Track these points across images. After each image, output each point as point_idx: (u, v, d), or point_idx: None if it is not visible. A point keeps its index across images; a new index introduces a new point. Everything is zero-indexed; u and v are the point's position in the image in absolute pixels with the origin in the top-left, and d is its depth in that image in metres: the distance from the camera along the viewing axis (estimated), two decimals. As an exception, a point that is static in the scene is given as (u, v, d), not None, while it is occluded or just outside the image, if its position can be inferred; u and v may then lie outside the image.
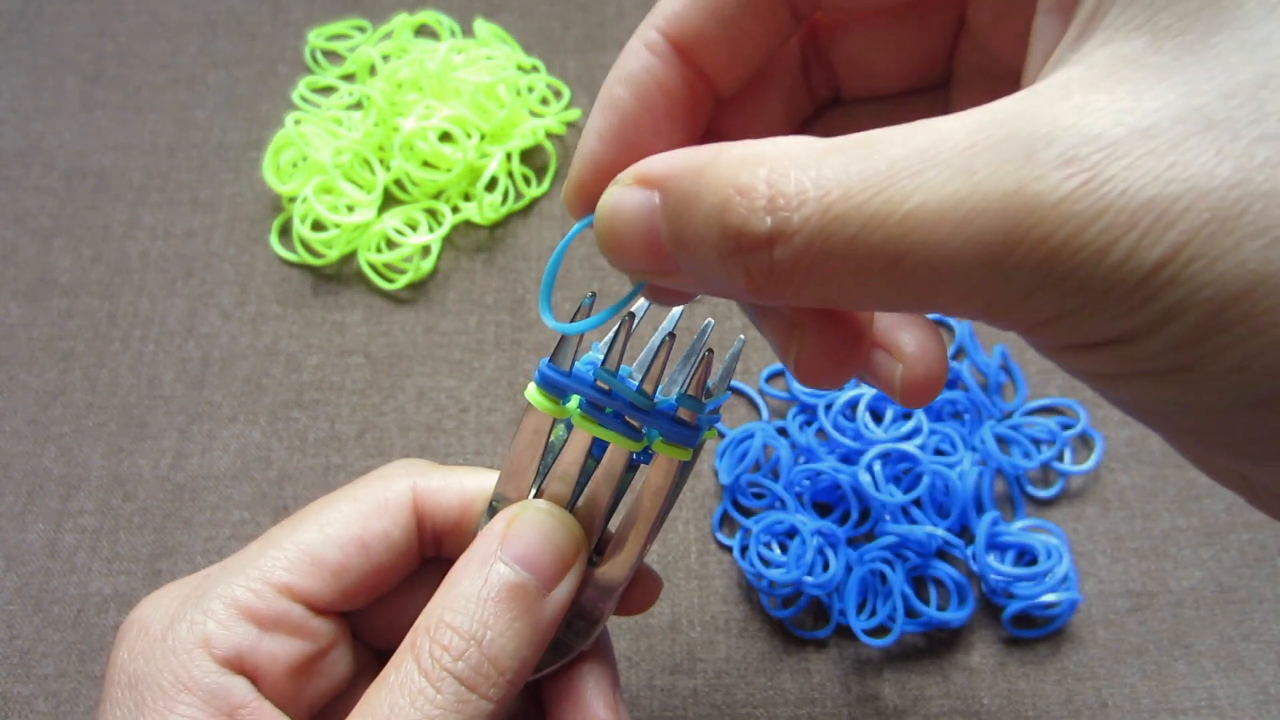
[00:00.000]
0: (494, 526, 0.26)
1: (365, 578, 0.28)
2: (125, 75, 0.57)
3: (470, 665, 0.24)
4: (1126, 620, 0.40)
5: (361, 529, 0.27)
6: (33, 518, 0.43)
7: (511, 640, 0.24)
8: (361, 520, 0.28)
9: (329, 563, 0.27)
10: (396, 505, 0.28)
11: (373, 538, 0.27)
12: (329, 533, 0.27)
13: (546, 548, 0.25)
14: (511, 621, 0.24)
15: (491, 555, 0.25)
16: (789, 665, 0.40)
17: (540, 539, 0.25)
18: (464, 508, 0.29)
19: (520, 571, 0.25)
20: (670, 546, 0.42)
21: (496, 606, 0.24)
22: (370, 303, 0.49)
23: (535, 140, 0.52)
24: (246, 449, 0.45)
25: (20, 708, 0.39)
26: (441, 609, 0.25)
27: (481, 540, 0.26)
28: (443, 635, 0.24)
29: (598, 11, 0.59)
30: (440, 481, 0.29)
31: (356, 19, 0.58)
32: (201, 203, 0.52)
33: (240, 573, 0.26)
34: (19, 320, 0.48)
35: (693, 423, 0.25)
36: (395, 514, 0.28)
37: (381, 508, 0.28)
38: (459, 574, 0.25)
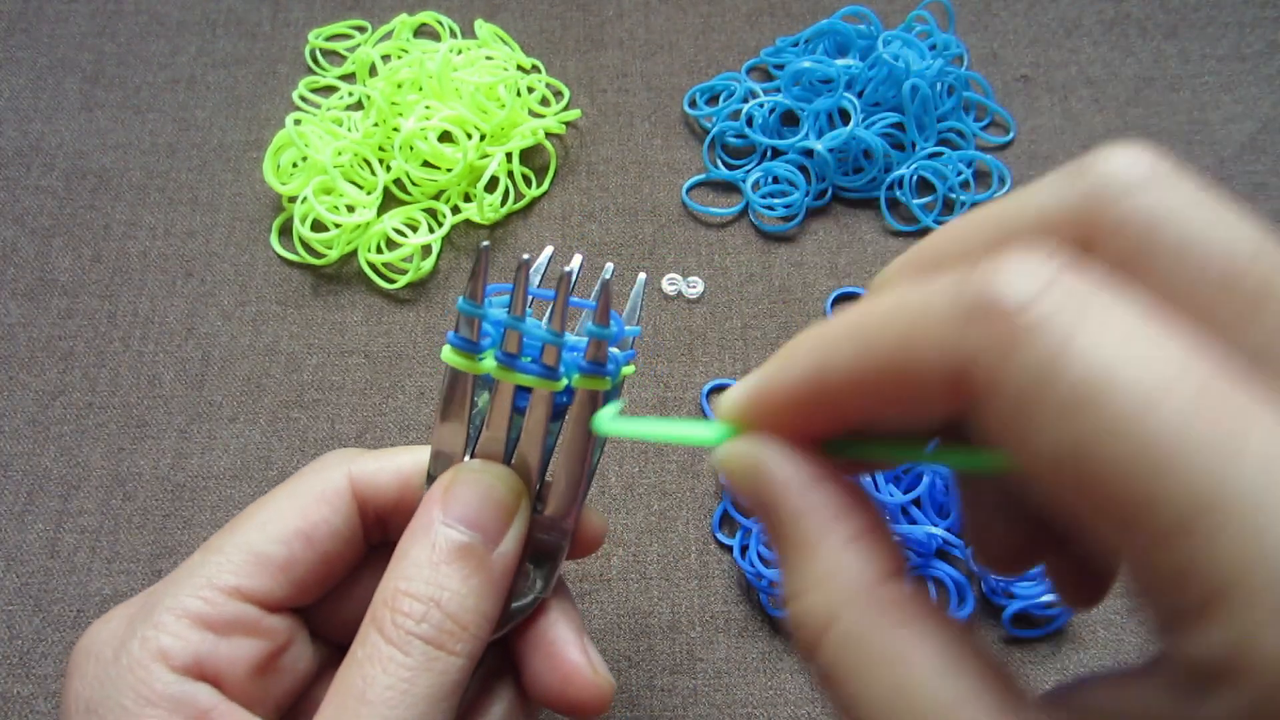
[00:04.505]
0: (433, 492, 0.26)
1: (313, 569, 0.28)
2: (125, 75, 0.57)
3: (433, 625, 0.24)
4: (1126, 620, 0.40)
5: (302, 521, 0.27)
6: (33, 518, 0.43)
7: (469, 596, 0.25)
8: (301, 513, 0.28)
9: (275, 559, 0.27)
10: (334, 493, 0.28)
11: (314, 528, 0.27)
12: (270, 530, 0.27)
13: (486, 504, 0.26)
14: (466, 579, 0.25)
15: (434, 520, 0.26)
16: (789, 665, 0.40)
17: (479, 496, 0.26)
18: (402, 487, 0.29)
19: (465, 531, 0.26)
20: (670, 546, 0.42)
21: (448, 568, 0.25)
22: (370, 303, 0.49)
23: (535, 140, 0.52)
24: (246, 449, 0.45)
25: (20, 708, 0.39)
26: (395, 579, 0.25)
27: (423, 508, 0.26)
28: (401, 603, 0.25)
29: (598, 11, 0.59)
30: (375, 464, 0.29)
31: (356, 19, 0.58)
32: (201, 203, 0.52)
33: (185, 583, 0.26)
34: (19, 320, 0.48)
35: (603, 354, 0.26)
36: (334, 502, 0.28)
37: (320, 498, 0.28)
38: (406, 544, 0.26)
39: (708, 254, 0.50)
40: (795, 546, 0.19)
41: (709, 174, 0.52)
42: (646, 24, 0.58)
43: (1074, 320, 0.15)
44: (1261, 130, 0.54)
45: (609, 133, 0.54)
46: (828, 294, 0.49)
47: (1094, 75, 0.56)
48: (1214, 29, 0.58)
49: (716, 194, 0.52)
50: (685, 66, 0.57)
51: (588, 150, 0.54)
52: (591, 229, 0.51)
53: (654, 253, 0.50)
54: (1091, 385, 0.15)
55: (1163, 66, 0.57)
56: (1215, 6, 0.59)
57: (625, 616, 0.41)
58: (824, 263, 0.50)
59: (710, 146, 0.53)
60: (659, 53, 0.57)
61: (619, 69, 0.57)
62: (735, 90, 0.54)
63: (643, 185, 0.52)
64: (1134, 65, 0.57)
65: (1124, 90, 0.56)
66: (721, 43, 0.57)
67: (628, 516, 0.43)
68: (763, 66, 0.56)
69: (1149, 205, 0.17)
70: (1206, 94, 0.56)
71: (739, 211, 0.51)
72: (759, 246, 0.50)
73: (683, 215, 0.51)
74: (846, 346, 0.18)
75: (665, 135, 0.54)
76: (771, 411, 0.19)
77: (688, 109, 0.55)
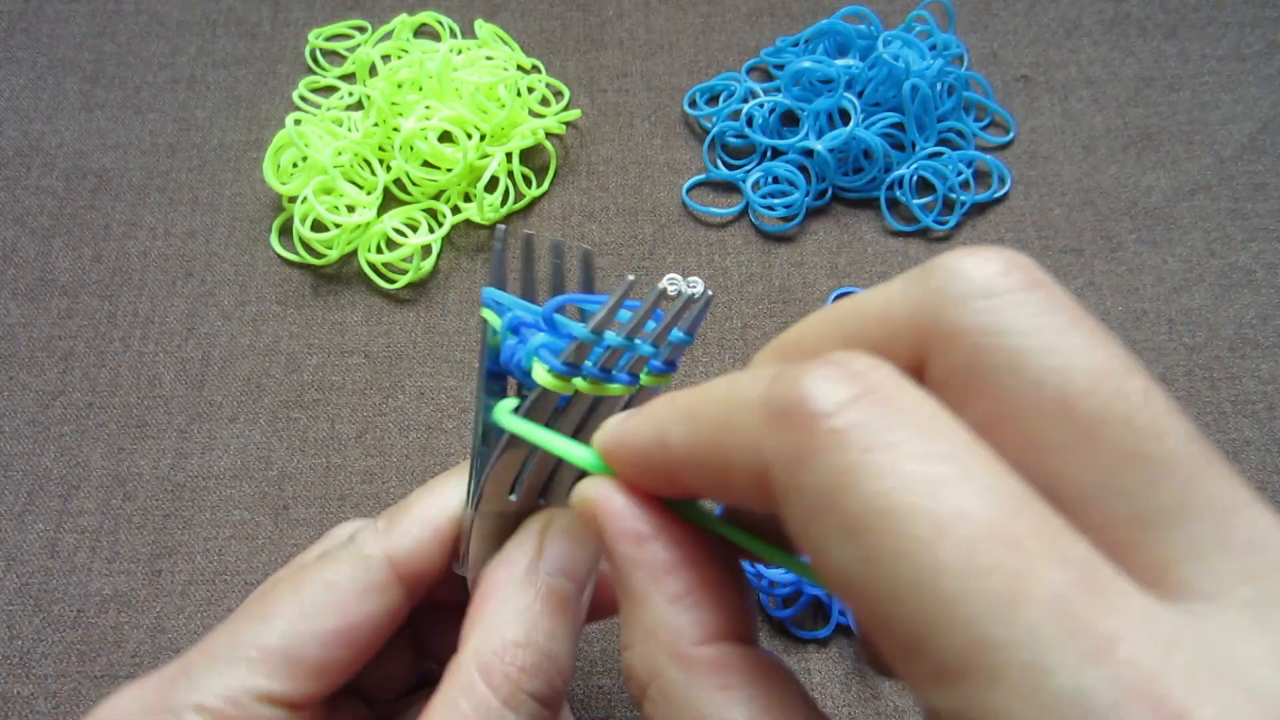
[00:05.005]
0: (527, 540, 0.26)
1: (350, 665, 0.26)
2: (125, 75, 0.57)
3: (547, 681, 0.24)
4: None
5: (342, 621, 0.25)
6: (33, 518, 0.43)
7: (565, 645, 0.25)
8: (341, 611, 0.25)
9: (309, 662, 0.25)
10: (377, 586, 0.26)
11: (356, 629, 0.26)
12: (306, 629, 0.25)
13: (579, 555, 0.26)
14: (568, 633, 0.25)
15: (534, 569, 0.25)
16: (789, 665, 0.40)
17: (574, 546, 0.26)
18: (442, 545, 0.27)
19: (565, 581, 0.25)
20: (670, 546, 0.42)
21: (552, 619, 0.25)
22: (370, 303, 0.49)
23: (535, 140, 0.52)
24: (246, 449, 0.45)
25: (20, 708, 0.39)
26: (502, 628, 0.24)
27: (517, 554, 0.26)
28: (515, 656, 0.24)
29: (598, 11, 0.59)
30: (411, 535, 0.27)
31: (356, 19, 0.58)
32: (201, 203, 0.52)
33: (211, 679, 0.24)
34: (19, 320, 0.48)
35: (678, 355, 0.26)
36: (377, 596, 0.26)
37: (362, 593, 0.26)
38: (506, 591, 0.25)
39: (708, 254, 0.50)
40: (626, 596, 0.19)
41: (709, 174, 0.52)
42: (646, 24, 0.58)
43: (872, 436, 0.14)
44: (1261, 130, 0.54)
45: (609, 133, 0.54)
46: (828, 294, 0.49)
47: (1094, 75, 0.56)
48: (1214, 29, 0.58)
49: (716, 194, 0.52)
50: (685, 66, 0.57)
51: (588, 150, 0.54)
52: (591, 229, 0.51)
53: (654, 253, 0.50)
54: (879, 508, 0.14)
55: (1163, 66, 0.57)
56: (1215, 6, 0.59)
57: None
58: (824, 263, 0.50)
59: (710, 146, 0.53)
60: (659, 53, 0.57)
61: (619, 69, 0.57)
62: (735, 90, 0.54)
63: (643, 185, 0.52)
64: (1134, 65, 0.57)
65: (1124, 90, 0.56)
66: (721, 43, 0.57)
67: (628, 516, 0.43)
68: (763, 66, 0.56)
69: (986, 317, 0.16)
70: (1206, 94, 0.56)
71: (739, 211, 0.51)
72: (759, 246, 0.50)
73: (683, 215, 0.51)
74: (680, 425, 0.18)
75: (665, 135, 0.54)
76: (624, 460, 0.20)
77: (688, 109, 0.55)
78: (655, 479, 0.19)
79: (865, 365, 0.15)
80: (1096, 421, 0.15)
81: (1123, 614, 0.13)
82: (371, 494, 0.44)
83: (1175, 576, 0.15)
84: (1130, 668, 0.13)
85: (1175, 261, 0.50)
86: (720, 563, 0.19)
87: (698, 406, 0.18)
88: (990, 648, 0.13)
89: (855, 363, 0.15)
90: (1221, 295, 0.49)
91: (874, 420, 0.15)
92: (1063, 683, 0.13)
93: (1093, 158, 0.53)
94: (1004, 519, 0.14)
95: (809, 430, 0.15)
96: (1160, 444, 0.15)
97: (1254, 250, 0.50)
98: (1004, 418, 0.16)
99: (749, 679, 0.17)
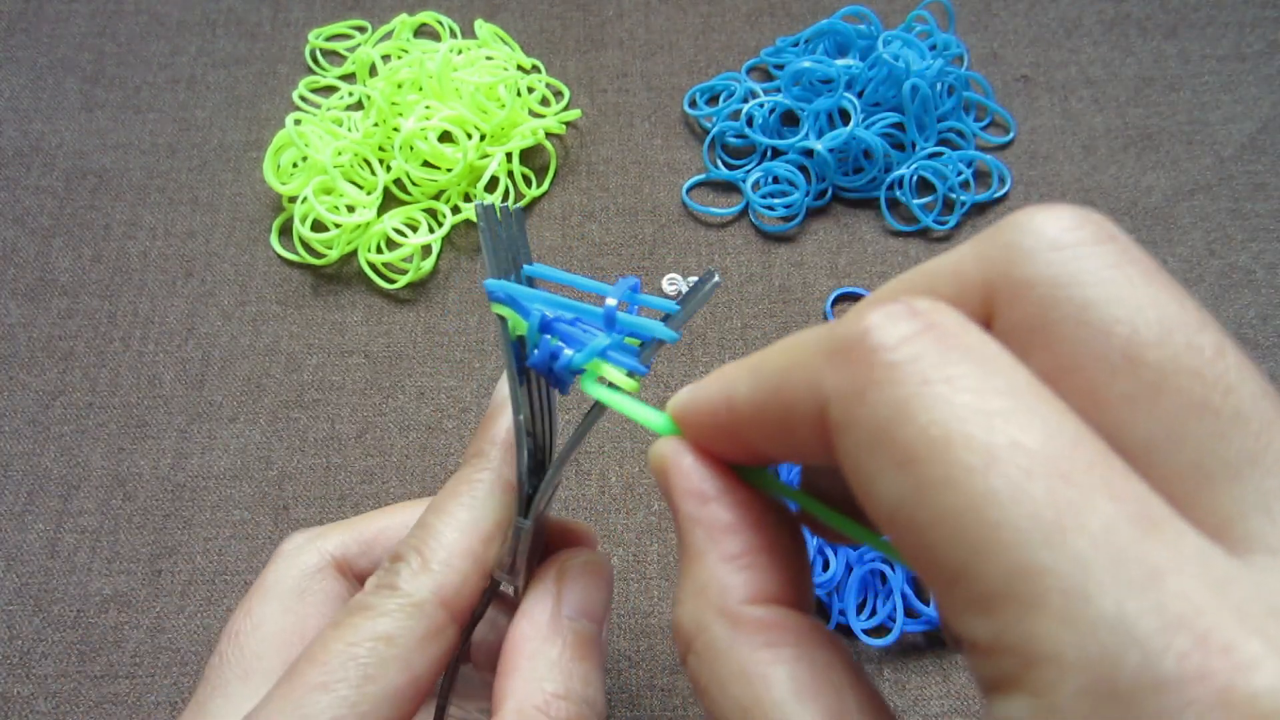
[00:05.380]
0: (545, 585, 0.26)
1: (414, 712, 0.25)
2: (125, 75, 0.57)
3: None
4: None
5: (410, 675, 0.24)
6: (33, 518, 0.43)
7: (598, 687, 0.25)
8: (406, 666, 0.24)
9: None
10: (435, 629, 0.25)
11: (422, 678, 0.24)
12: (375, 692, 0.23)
13: (597, 594, 0.26)
14: (597, 670, 0.25)
15: (557, 615, 0.25)
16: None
17: (592, 586, 0.26)
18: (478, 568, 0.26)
19: (587, 624, 0.26)
20: (670, 546, 0.42)
21: (583, 663, 0.25)
22: (370, 303, 0.49)
23: (535, 140, 0.52)
24: (246, 449, 0.45)
25: (20, 708, 0.39)
26: (542, 681, 0.24)
27: (538, 602, 0.25)
28: (561, 709, 0.24)
29: (598, 11, 0.59)
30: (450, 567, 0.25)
31: (356, 19, 0.58)
32: (201, 203, 0.52)
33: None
34: (19, 320, 0.48)
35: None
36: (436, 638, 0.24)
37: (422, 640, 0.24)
38: (540, 645, 0.25)
39: (708, 254, 0.50)
40: (684, 554, 0.19)
41: (709, 174, 0.52)
42: (646, 24, 0.58)
43: (930, 369, 0.14)
44: (1261, 130, 0.54)
45: (609, 133, 0.54)
46: (828, 294, 0.49)
47: (1094, 75, 0.56)
48: (1214, 29, 0.58)
49: (716, 194, 0.52)
50: (685, 66, 0.57)
51: (588, 150, 0.54)
52: (591, 229, 0.51)
53: (654, 253, 0.50)
54: (932, 436, 0.14)
55: (1163, 66, 0.57)
56: (1215, 6, 0.59)
57: (625, 616, 0.41)
58: (824, 263, 0.50)
59: (710, 146, 0.53)
60: (659, 53, 0.57)
61: (619, 69, 0.57)
62: (735, 90, 0.54)
63: (643, 185, 0.52)
64: (1134, 65, 0.57)
65: (1124, 90, 0.56)
66: (721, 43, 0.57)
67: (628, 517, 0.43)
68: (763, 66, 0.56)
69: (1055, 269, 0.16)
70: (1206, 94, 0.56)
71: (739, 211, 0.51)
72: (759, 246, 0.50)
73: (683, 215, 0.51)
74: (745, 379, 0.18)
75: (665, 135, 0.54)
76: (694, 424, 0.20)
77: (688, 109, 0.55)
78: (723, 440, 0.19)
79: (927, 304, 0.15)
80: (1164, 372, 0.15)
81: (1175, 549, 0.13)
82: (371, 494, 0.44)
83: (1239, 530, 0.15)
84: (1177, 599, 0.13)
85: (1175, 261, 0.50)
86: (781, 530, 0.19)
87: (762, 359, 0.18)
88: (1033, 574, 0.13)
89: (917, 302, 0.16)
90: (1221, 295, 0.49)
91: (933, 355, 0.15)
92: (1105, 609, 0.13)
93: (1093, 158, 0.53)
94: (1058, 452, 0.14)
95: (868, 363, 0.15)
96: (1230, 398, 0.15)
97: (1254, 250, 0.50)
98: (1069, 369, 0.16)
99: (795, 641, 0.17)
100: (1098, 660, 0.13)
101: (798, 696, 0.17)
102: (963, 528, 0.14)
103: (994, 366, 0.15)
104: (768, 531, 0.19)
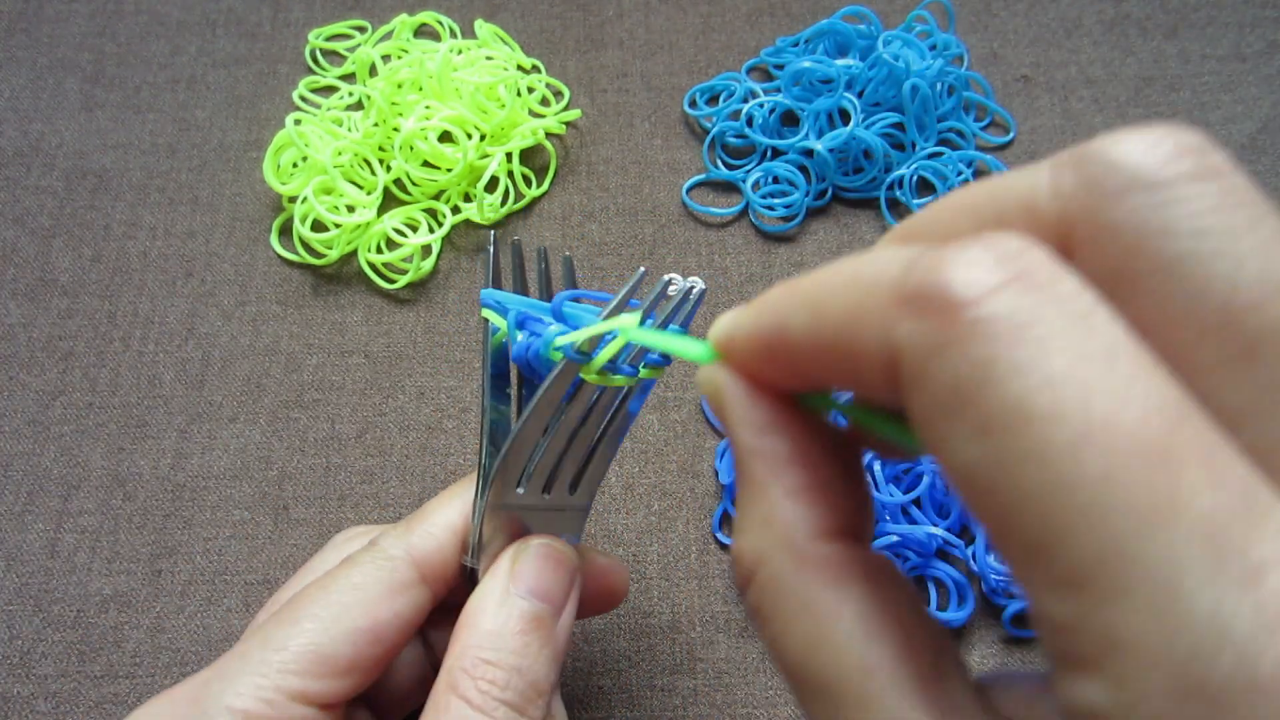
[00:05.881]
0: (500, 565, 0.28)
1: (378, 664, 0.27)
2: (125, 75, 0.57)
3: (518, 692, 0.26)
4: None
5: (370, 620, 0.27)
6: (33, 518, 0.43)
7: (542, 664, 0.26)
8: (368, 611, 0.27)
9: (340, 661, 0.26)
10: (401, 585, 0.28)
11: (382, 627, 0.27)
12: (336, 630, 0.26)
13: (552, 577, 0.28)
14: (540, 648, 0.26)
15: (506, 591, 0.27)
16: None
17: (546, 569, 0.28)
18: (455, 539, 0.29)
19: (535, 602, 0.27)
20: (670, 546, 0.42)
21: (524, 637, 0.26)
22: (370, 303, 0.49)
23: (535, 140, 0.52)
24: (246, 449, 0.45)
25: (20, 708, 0.39)
26: (475, 649, 0.26)
27: (491, 579, 0.27)
28: (486, 672, 0.25)
29: (598, 11, 0.59)
30: (432, 537, 0.29)
31: (356, 19, 0.58)
32: (201, 203, 0.52)
33: (244, 680, 0.25)
34: (19, 320, 0.48)
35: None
36: (403, 594, 0.28)
37: (388, 592, 0.27)
38: (476, 616, 0.27)
39: (708, 254, 0.50)
40: (745, 484, 0.19)
41: (709, 174, 0.52)
42: (646, 24, 0.58)
43: (1019, 328, 0.13)
44: (1261, 130, 0.54)
45: (609, 133, 0.54)
46: (828, 294, 0.49)
47: (1094, 75, 0.56)
48: (1214, 29, 0.58)
49: (716, 194, 0.52)
50: (685, 66, 0.57)
51: (588, 150, 0.54)
52: (591, 229, 0.51)
53: (654, 253, 0.50)
54: (1018, 407, 0.13)
55: (1163, 66, 0.57)
56: (1215, 6, 0.59)
57: (625, 616, 0.41)
58: (824, 262, 0.50)
59: (710, 146, 0.53)
60: (659, 53, 0.57)
61: (619, 69, 0.57)
62: (735, 90, 0.54)
63: (643, 185, 0.52)
64: (1134, 65, 0.57)
65: (1124, 90, 0.56)
66: (721, 43, 0.57)
67: (628, 517, 0.43)
68: (763, 66, 0.56)
69: (1147, 215, 0.14)
70: (1206, 94, 0.56)
71: (739, 211, 0.51)
72: (759, 246, 0.50)
73: (683, 215, 0.51)
74: (802, 312, 0.17)
75: (665, 135, 0.54)
76: (742, 351, 0.19)
77: (688, 109, 0.55)
78: (776, 369, 0.18)
79: (1017, 247, 0.14)
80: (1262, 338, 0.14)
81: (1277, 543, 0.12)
82: (371, 494, 0.44)
83: None
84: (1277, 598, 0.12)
85: (1175, 261, 0.50)
86: (842, 459, 0.18)
87: (821, 292, 0.16)
88: (1122, 561, 0.12)
89: (1006, 243, 0.14)
90: (1221, 295, 0.49)
91: (1023, 310, 0.13)
92: (1199, 606, 0.12)
93: (1093, 158, 0.53)
94: (1159, 430, 0.12)
95: (949, 318, 0.13)
96: None
97: (1254, 250, 0.50)
98: (1156, 326, 0.14)
99: (862, 578, 0.17)
100: (1188, 658, 0.12)
101: (865, 635, 0.16)
102: (1047, 507, 0.13)
103: (1089, 324, 0.13)
104: (828, 462, 0.18)
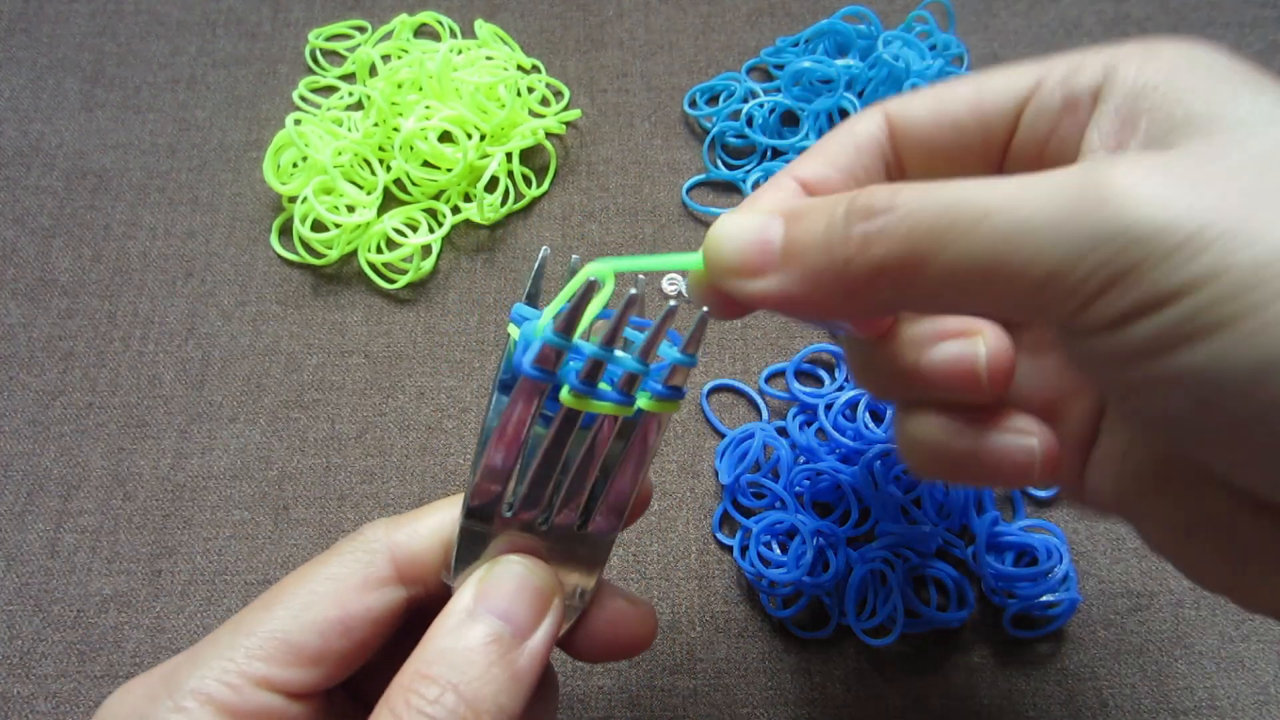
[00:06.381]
0: (470, 584, 0.26)
1: (346, 658, 0.26)
2: (125, 75, 0.57)
3: (447, 707, 0.24)
4: (1126, 620, 0.40)
5: (340, 611, 0.26)
6: (33, 518, 0.43)
7: (488, 685, 0.24)
8: (339, 602, 0.26)
9: (308, 650, 0.26)
10: (376, 579, 0.27)
11: (353, 619, 0.26)
12: (306, 618, 0.26)
13: (520, 596, 0.26)
14: (488, 667, 0.24)
15: (465, 608, 0.25)
16: (789, 665, 0.40)
17: (514, 589, 0.26)
18: (441, 544, 0.28)
19: (494, 620, 0.25)
20: (670, 546, 0.42)
21: (470, 654, 0.24)
22: (370, 303, 0.49)
23: (535, 140, 0.52)
24: (246, 449, 0.45)
25: (20, 708, 0.39)
26: (416, 663, 0.24)
27: (457, 595, 0.26)
28: (418, 684, 0.24)
29: (598, 11, 0.59)
30: (418, 535, 0.28)
31: (356, 19, 0.58)
32: (201, 203, 0.52)
33: (211, 664, 0.25)
34: (19, 320, 0.48)
35: (683, 379, 0.26)
36: (376, 588, 0.27)
37: (361, 585, 0.27)
38: (433, 630, 0.25)
39: (708, 254, 0.50)
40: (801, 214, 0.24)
41: (709, 174, 0.52)
42: (646, 24, 0.58)
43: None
44: (1261, 130, 0.54)
45: (609, 133, 0.54)
46: (828, 294, 0.49)
47: (1094, 75, 0.56)
48: (1214, 29, 0.58)
49: (716, 194, 0.52)
50: (685, 66, 0.57)
51: (588, 150, 0.54)
52: (591, 229, 0.51)
53: (654, 253, 0.50)
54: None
55: (1163, 66, 0.57)
56: (1215, 6, 0.59)
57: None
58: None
59: (710, 146, 0.53)
60: (659, 53, 0.57)
61: (619, 69, 0.57)
62: (735, 90, 0.54)
63: (643, 185, 0.52)
64: (1134, 65, 0.57)
65: (1124, 90, 0.56)
66: (721, 43, 0.57)
67: (628, 516, 0.43)
68: (763, 66, 0.56)
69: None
70: (1206, 94, 0.56)
71: (739, 211, 0.51)
72: (759, 246, 0.50)
73: (683, 215, 0.51)
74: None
75: (665, 135, 0.54)
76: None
77: (688, 109, 0.55)
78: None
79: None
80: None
81: None
82: (371, 494, 0.44)
83: None
84: None
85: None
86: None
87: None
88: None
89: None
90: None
91: None
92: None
93: (1093, 158, 0.53)
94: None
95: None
96: None
97: (1254, 250, 0.50)
98: None
99: None
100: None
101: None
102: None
103: None
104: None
